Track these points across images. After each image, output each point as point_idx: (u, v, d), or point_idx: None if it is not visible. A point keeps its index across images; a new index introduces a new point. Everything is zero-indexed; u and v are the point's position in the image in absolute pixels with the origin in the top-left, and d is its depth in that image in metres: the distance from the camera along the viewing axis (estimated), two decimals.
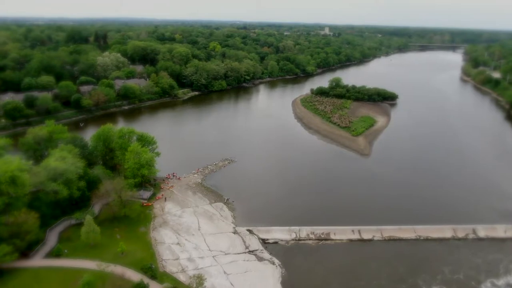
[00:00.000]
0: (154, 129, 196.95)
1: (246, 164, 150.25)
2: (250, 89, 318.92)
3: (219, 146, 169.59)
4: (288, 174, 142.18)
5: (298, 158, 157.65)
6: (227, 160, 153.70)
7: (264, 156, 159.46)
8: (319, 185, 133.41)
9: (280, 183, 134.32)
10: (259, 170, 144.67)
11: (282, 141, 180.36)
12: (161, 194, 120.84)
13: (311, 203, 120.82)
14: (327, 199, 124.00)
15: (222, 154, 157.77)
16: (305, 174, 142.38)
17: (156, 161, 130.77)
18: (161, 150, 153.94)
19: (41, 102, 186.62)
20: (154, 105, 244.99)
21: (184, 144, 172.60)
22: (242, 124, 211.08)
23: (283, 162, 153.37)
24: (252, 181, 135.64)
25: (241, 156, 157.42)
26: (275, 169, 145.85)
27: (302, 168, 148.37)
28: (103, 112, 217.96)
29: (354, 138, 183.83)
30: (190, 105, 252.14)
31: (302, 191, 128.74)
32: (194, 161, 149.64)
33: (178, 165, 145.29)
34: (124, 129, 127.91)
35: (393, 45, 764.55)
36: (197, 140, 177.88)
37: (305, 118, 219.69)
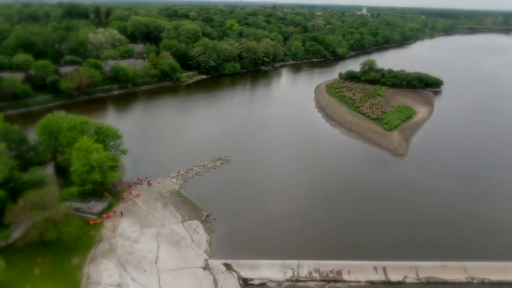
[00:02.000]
0: (142, 119, 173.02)
1: (243, 166, 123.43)
2: (269, 73, 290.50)
3: (216, 141, 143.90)
4: (294, 181, 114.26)
5: (312, 159, 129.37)
6: (220, 160, 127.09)
7: (268, 156, 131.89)
8: (333, 198, 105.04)
9: (282, 193, 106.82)
10: (258, 175, 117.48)
11: (295, 136, 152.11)
12: (114, 211, 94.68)
13: (319, 225, 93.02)
14: (342, 219, 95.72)
15: (216, 152, 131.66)
16: (317, 182, 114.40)
17: (120, 161, 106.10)
18: (142, 146, 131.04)
19: (6, 85, 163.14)
20: (150, 90, 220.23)
21: (172, 138, 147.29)
22: (250, 114, 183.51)
23: (291, 164, 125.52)
24: (246, 189, 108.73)
25: (239, 154, 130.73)
26: (279, 174, 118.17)
27: (314, 173, 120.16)
28: (87, 98, 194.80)
29: (386, 133, 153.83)
30: (194, 91, 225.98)
31: (309, 206, 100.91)
32: (179, 161, 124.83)
33: (157, 165, 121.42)
34: (75, 119, 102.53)
35: (438, 27, 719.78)
36: (190, 134, 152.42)
37: (328, 107, 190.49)
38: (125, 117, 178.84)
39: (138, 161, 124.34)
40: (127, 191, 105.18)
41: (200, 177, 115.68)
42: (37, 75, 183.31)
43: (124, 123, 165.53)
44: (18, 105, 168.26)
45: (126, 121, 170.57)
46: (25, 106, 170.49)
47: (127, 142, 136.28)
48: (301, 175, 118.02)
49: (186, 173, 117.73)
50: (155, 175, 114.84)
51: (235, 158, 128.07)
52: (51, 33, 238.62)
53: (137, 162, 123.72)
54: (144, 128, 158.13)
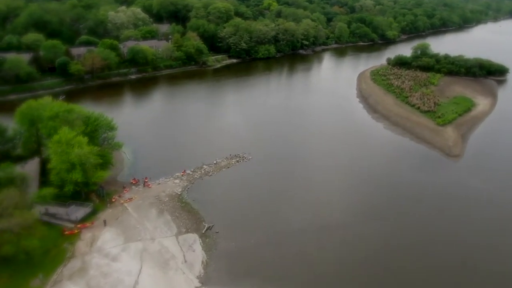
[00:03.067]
0: (158, 107, 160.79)
1: (263, 165, 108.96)
2: (308, 57, 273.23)
3: (237, 135, 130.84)
4: (324, 187, 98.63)
5: (348, 160, 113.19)
6: (237, 157, 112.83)
7: (295, 154, 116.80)
8: (370, 211, 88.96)
9: (308, 202, 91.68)
10: (280, 178, 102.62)
11: (329, 130, 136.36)
12: (91, 222, 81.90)
13: (354, 246, 76.67)
14: (383, 239, 79.05)
15: (234, 148, 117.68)
16: (352, 189, 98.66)
17: (113, 157, 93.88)
18: (150, 138, 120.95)
19: (9, 66, 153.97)
20: (173, 75, 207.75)
21: (187, 130, 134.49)
22: (281, 103, 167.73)
23: (322, 166, 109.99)
24: (263, 196, 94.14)
25: (260, 151, 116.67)
26: (306, 178, 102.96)
27: (350, 177, 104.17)
28: (101, 82, 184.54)
29: (439, 128, 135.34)
30: (222, 76, 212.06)
31: (341, 220, 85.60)
32: (188, 157, 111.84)
33: (162, 162, 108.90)
34: (58, 106, 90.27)
35: (504, 9, 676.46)
36: (209, 125, 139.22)
37: (372, 97, 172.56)
38: (139, 104, 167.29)
39: (142, 157, 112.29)
40: (119, 193, 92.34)
41: (209, 178, 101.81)
42: (45, 56, 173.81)
43: (137, 111, 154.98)
44: (21, 89, 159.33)
45: (140, 109, 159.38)
46: (30, 90, 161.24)
47: (135, 133, 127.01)
48: (333, 180, 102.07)
49: (193, 172, 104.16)
50: (157, 174, 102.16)
51: (255, 156, 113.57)
52: (68, 11, 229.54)
53: (140, 158, 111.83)
54: (158, 118, 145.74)
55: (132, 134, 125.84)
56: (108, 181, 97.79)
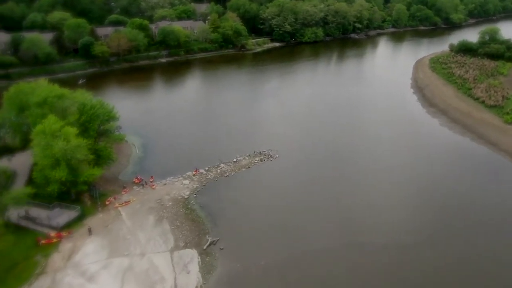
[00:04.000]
0: (186, 94, 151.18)
1: (291, 165, 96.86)
2: (361, 42, 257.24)
3: (266, 129, 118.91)
4: (362, 198, 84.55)
5: (393, 164, 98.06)
6: (261, 155, 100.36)
7: (331, 154, 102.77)
8: (416, 233, 73.84)
9: (342, 215, 77.88)
10: (310, 181, 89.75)
11: (374, 126, 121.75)
12: (68, 231, 71.66)
13: (395, 278, 62.92)
14: (427, 276, 64.63)
15: (261, 144, 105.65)
16: (394, 204, 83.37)
17: (114, 152, 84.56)
18: (167, 130, 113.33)
19: (27, 46, 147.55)
20: (207, 59, 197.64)
21: (211, 122, 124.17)
22: (324, 93, 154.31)
23: (359, 170, 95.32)
24: (286, 204, 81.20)
25: (291, 148, 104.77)
26: (340, 185, 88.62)
27: (393, 187, 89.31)
28: (127, 66, 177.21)
29: (507, 127, 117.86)
30: (262, 61, 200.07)
31: (377, 243, 70.75)
32: (205, 154, 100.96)
33: (174, 158, 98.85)
34: (47, 90, 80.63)
35: None
36: (237, 116, 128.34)
37: (428, 88, 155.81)
38: (167, 91, 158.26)
39: (153, 151, 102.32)
40: (116, 194, 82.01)
41: (224, 180, 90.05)
42: (69, 36, 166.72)
43: (163, 98, 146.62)
44: (40, 72, 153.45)
45: (166, 96, 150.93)
46: (49, 73, 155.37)
47: (153, 123, 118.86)
48: (374, 189, 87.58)
49: (207, 172, 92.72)
50: (166, 172, 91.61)
51: (283, 154, 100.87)
52: None
53: (151, 153, 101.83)
54: (184, 107, 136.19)
55: (150, 124, 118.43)
56: (108, 179, 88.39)
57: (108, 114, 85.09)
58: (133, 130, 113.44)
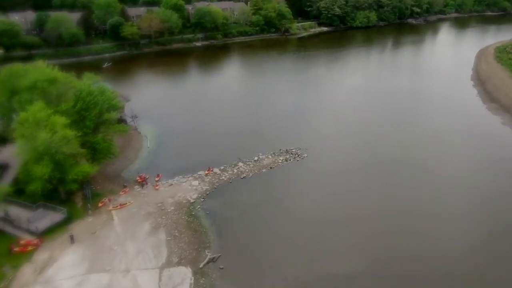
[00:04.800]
0: (215, 82, 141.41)
1: (319, 169, 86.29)
2: (419, 28, 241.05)
3: (299, 124, 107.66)
4: (403, 214, 72.35)
5: (444, 173, 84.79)
6: (287, 153, 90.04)
7: (372, 156, 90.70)
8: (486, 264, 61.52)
9: (370, 238, 66.21)
10: (338, 192, 78.55)
11: (426, 123, 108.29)
12: (37, 240, 63.25)
13: None
14: None
15: (289, 140, 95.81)
16: (447, 228, 70.84)
17: (115, 146, 76.40)
18: (188, 123, 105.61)
19: (52, 26, 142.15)
20: (247, 43, 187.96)
21: (237, 115, 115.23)
22: (374, 85, 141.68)
23: (401, 176, 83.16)
24: (303, 217, 70.50)
25: (322, 148, 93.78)
26: (375, 196, 77.01)
27: (444, 205, 76.16)
28: (159, 49, 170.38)
29: None
30: (307, 47, 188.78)
31: (416, 272, 59.09)
32: (223, 150, 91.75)
33: (188, 155, 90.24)
34: (39, 73, 72.96)
35: None
36: (267, 110, 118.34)
37: (490, 80, 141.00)
38: (199, 77, 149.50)
39: (167, 145, 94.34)
40: (112, 195, 73.63)
41: (240, 182, 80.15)
42: (98, 16, 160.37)
43: (193, 85, 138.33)
44: (64, 54, 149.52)
45: (197, 83, 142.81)
46: (74, 55, 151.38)
47: (174, 113, 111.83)
48: (422, 203, 75.04)
49: (222, 171, 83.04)
50: (176, 170, 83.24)
51: (312, 154, 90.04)
52: None
53: (164, 147, 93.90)
54: (213, 96, 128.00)
55: (171, 114, 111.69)
56: (109, 176, 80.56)
57: (109, 102, 76.46)
58: (151, 120, 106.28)
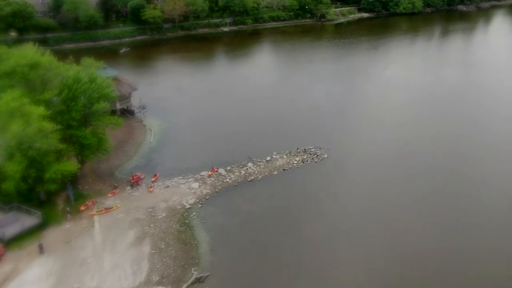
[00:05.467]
0: (239, 72, 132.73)
1: (340, 173, 77.20)
2: (470, 16, 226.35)
3: (322, 120, 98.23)
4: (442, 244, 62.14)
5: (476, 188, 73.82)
6: (305, 153, 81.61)
7: (408, 162, 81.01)
8: None
9: (392, 261, 56.73)
10: (360, 205, 68.98)
11: (472, 130, 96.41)
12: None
13: None
14: None
15: (307, 139, 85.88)
16: None
17: (109, 141, 70.09)
18: (201, 116, 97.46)
19: (68, 8, 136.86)
20: (279, 29, 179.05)
21: (257, 108, 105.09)
22: (414, 78, 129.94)
23: (450, 194, 72.70)
24: (317, 235, 61.62)
25: (347, 148, 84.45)
26: (408, 213, 67.41)
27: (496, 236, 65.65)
28: (183, 34, 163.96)
29: None
30: (345, 35, 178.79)
31: None
32: (232, 148, 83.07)
33: (194, 152, 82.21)
34: (18, 56, 66.20)
35: None
36: (292, 104, 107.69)
37: None
38: (223, 66, 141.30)
39: (171, 140, 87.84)
40: (98, 197, 66.34)
41: (246, 186, 71.71)
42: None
43: (215, 75, 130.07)
44: (80, 38, 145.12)
45: (219, 72, 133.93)
46: (92, 39, 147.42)
47: (187, 105, 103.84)
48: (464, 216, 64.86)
49: (227, 172, 74.70)
50: (177, 169, 75.69)
51: (334, 154, 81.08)
52: None
53: (169, 142, 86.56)
54: (234, 86, 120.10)
55: (184, 105, 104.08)
56: (101, 174, 74.03)
57: (100, 91, 68.81)
58: (160, 111, 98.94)
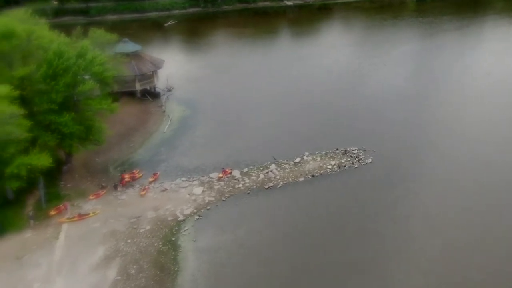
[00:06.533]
0: (293, 56, 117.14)
1: (392, 180, 61.43)
2: None
3: (377, 114, 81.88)
4: None
5: None
6: (343, 156, 67.21)
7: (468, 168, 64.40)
8: None
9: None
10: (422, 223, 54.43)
11: None
12: None
13: None
14: None
15: (353, 138, 71.59)
16: None
17: (105, 130, 62.60)
18: (234, 106, 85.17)
19: None
20: (352, 5, 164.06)
21: (297, 98, 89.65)
22: None
23: None
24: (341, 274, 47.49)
25: (403, 149, 68.54)
26: None
27: None
28: (241, 7, 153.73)
29: None
30: (427, 12, 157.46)
31: None
32: (256, 146, 70.19)
33: (206, 149, 69.75)
34: None
35: None
36: (345, 93, 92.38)
37: None
38: (277, 46, 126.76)
39: (188, 132, 76.90)
40: (76, 199, 56.02)
41: (262, 194, 59.15)
42: None
43: (265, 56, 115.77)
44: (125, 8, 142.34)
45: (272, 53, 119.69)
46: (138, 10, 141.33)
47: (221, 91, 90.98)
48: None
49: (242, 176, 62.22)
50: (182, 169, 64.96)
51: (381, 157, 66.15)
52: None
53: (185, 134, 76.17)
54: (282, 71, 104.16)
55: (215, 90, 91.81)
56: (93, 170, 64.41)
57: (89, 68, 57.82)
58: (188, 95, 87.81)
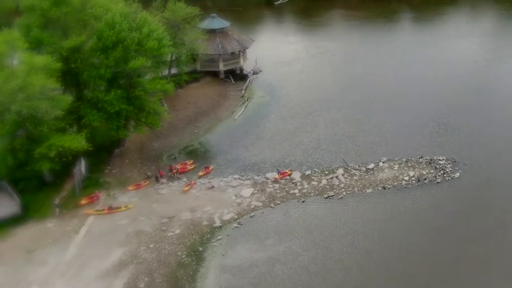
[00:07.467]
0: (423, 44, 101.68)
1: (487, 200, 50.54)
2: None
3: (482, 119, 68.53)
4: None
5: None
6: (427, 167, 56.76)
7: None
8: None
9: None
10: None
11: None
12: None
13: None
14: None
15: (443, 144, 61.12)
16: None
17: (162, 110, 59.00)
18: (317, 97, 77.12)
19: None
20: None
21: (400, 94, 77.97)
22: None
23: None
24: None
25: (494, 165, 56.39)
26: None
27: None
28: None
29: None
30: None
31: None
32: (335, 146, 62.01)
33: (278, 144, 63.09)
34: None
35: None
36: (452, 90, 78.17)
37: None
38: (405, 35, 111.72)
39: (260, 122, 69.95)
40: (117, 188, 52.46)
41: (318, 204, 51.24)
42: None
43: (382, 45, 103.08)
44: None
45: (393, 41, 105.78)
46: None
47: (312, 79, 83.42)
48: None
49: (302, 179, 54.47)
50: (241, 164, 58.69)
51: (471, 172, 55.07)
52: None
53: (256, 124, 69.24)
54: (401, 62, 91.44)
55: (308, 77, 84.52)
56: (147, 156, 60.04)
57: (144, 43, 52.77)
58: (273, 80, 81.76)
